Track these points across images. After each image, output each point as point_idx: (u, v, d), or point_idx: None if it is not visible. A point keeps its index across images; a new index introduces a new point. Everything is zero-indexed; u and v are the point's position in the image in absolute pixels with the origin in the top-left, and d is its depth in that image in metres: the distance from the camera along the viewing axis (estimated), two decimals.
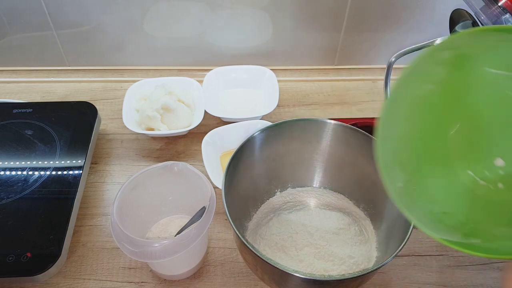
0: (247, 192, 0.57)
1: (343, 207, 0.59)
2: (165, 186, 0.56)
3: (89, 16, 0.76)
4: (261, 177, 0.58)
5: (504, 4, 0.43)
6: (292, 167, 0.60)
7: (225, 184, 0.49)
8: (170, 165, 0.54)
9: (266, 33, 0.80)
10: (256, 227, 0.57)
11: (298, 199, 0.60)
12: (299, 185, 0.61)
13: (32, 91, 0.82)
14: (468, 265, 0.59)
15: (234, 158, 0.52)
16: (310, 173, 0.61)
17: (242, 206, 0.56)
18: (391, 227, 0.52)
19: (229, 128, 0.69)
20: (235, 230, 0.46)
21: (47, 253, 0.54)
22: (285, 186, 0.61)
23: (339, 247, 0.53)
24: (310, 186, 0.62)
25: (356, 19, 0.78)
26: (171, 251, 0.47)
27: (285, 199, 0.61)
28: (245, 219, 0.57)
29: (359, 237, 0.54)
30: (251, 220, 0.58)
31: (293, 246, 0.53)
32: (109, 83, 0.83)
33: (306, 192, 0.61)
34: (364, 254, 0.53)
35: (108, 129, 0.75)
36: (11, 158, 0.65)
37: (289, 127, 0.56)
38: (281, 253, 0.52)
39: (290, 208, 0.58)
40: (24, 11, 0.75)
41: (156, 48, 0.82)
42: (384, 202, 0.54)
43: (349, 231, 0.55)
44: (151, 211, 0.58)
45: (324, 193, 0.61)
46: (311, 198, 0.61)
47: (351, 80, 0.86)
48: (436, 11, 0.77)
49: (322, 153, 0.59)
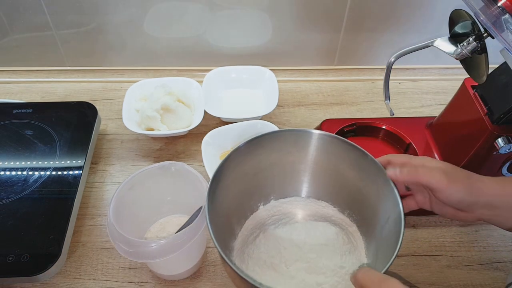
0: (230, 211, 0.54)
1: (328, 215, 0.58)
2: (163, 186, 0.56)
3: (89, 16, 0.77)
4: (243, 193, 0.56)
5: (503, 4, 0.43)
6: (273, 179, 0.58)
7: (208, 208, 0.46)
8: (168, 165, 0.54)
9: (266, 33, 0.80)
10: (242, 246, 0.54)
11: (283, 211, 0.58)
12: (282, 196, 0.60)
13: (32, 91, 0.82)
14: (468, 265, 0.59)
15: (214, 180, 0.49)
16: (292, 183, 0.59)
17: (226, 226, 0.54)
18: (378, 232, 0.52)
19: (229, 128, 0.69)
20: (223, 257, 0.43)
21: (47, 253, 0.54)
22: (268, 199, 0.59)
23: (329, 258, 0.52)
24: (293, 197, 0.60)
25: (355, 20, 0.78)
26: (166, 251, 0.47)
27: (269, 212, 0.59)
28: (230, 239, 0.55)
29: (347, 246, 0.53)
30: (236, 239, 0.56)
31: (282, 263, 0.51)
32: (109, 83, 0.83)
33: (289, 203, 0.59)
34: (355, 262, 0.52)
35: (108, 129, 0.75)
36: (11, 158, 0.65)
37: (268, 140, 0.54)
38: (271, 271, 0.51)
39: (276, 222, 0.56)
40: (24, 11, 0.75)
41: (156, 48, 0.82)
42: (368, 207, 0.53)
43: (337, 241, 0.54)
44: (150, 211, 0.58)
45: (308, 203, 0.59)
46: (295, 209, 0.59)
47: (350, 81, 0.86)
48: (435, 11, 0.77)
49: (303, 163, 0.57)
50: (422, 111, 0.80)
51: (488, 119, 0.56)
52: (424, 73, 0.87)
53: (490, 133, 0.56)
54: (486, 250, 0.60)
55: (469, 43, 0.49)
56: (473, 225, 0.63)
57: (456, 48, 0.50)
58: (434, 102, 0.82)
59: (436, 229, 0.62)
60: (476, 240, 0.61)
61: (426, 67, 0.87)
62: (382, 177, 0.49)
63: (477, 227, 0.63)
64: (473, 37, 0.48)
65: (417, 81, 0.86)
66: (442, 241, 0.61)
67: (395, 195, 0.47)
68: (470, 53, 0.49)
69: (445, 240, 0.61)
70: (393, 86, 0.83)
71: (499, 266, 0.58)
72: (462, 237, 0.62)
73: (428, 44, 0.53)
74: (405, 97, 0.83)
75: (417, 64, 0.87)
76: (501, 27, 0.43)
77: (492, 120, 0.56)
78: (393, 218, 0.47)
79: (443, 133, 0.66)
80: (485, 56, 0.48)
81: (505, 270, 0.58)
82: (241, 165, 0.53)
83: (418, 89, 0.84)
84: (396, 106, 0.80)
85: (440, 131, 0.67)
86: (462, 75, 0.55)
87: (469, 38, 0.49)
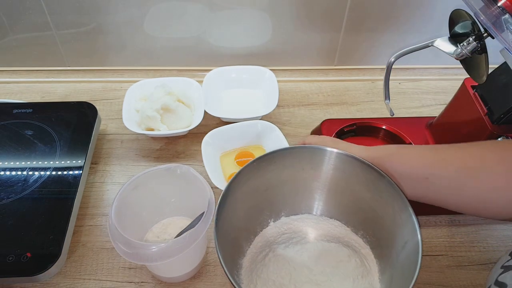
0: (240, 226, 0.53)
1: (340, 235, 0.56)
2: (167, 187, 0.56)
3: (89, 16, 0.77)
4: (252, 208, 0.55)
5: (503, 4, 0.43)
6: (285, 195, 0.57)
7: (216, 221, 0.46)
8: (174, 168, 0.54)
9: (266, 33, 0.80)
10: (251, 265, 0.53)
11: (294, 229, 0.57)
12: (293, 213, 0.58)
13: (32, 91, 0.82)
14: (468, 265, 0.59)
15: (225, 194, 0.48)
16: (304, 200, 0.58)
17: (234, 241, 0.53)
18: (394, 257, 0.50)
19: (229, 128, 0.69)
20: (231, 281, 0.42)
21: (47, 253, 0.54)
22: (279, 215, 0.58)
23: (341, 281, 0.50)
24: (305, 214, 0.58)
25: (355, 20, 0.78)
26: (165, 255, 0.47)
27: (280, 229, 0.57)
28: (238, 256, 0.53)
29: (360, 269, 0.51)
30: (245, 256, 0.54)
31: (292, 284, 0.50)
32: (109, 83, 0.83)
33: (301, 221, 0.58)
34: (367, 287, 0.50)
35: (108, 129, 0.75)
36: (11, 158, 0.65)
37: (281, 156, 0.53)
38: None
39: (286, 241, 0.55)
40: (24, 11, 0.75)
41: (156, 48, 0.82)
42: (383, 229, 0.52)
43: (350, 263, 0.52)
44: (152, 212, 0.58)
45: (319, 221, 0.58)
46: (307, 227, 0.57)
47: (350, 81, 0.86)
48: (435, 12, 0.77)
49: (316, 180, 0.56)
50: (422, 111, 0.80)
51: (488, 119, 0.56)
52: (424, 73, 0.87)
53: (490, 133, 0.56)
54: (486, 250, 0.60)
55: (469, 43, 0.49)
56: (473, 225, 0.63)
57: (456, 48, 0.50)
58: (434, 102, 0.82)
59: (436, 229, 0.62)
60: (476, 240, 0.61)
61: (426, 67, 0.87)
62: (400, 200, 0.47)
63: (477, 227, 0.63)
64: (473, 37, 0.48)
65: (417, 81, 0.86)
66: (442, 241, 0.61)
67: (413, 222, 0.46)
68: (470, 53, 0.49)
69: (445, 240, 0.61)
70: (393, 86, 0.83)
71: None
72: (462, 237, 0.62)
73: (428, 44, 0.53)
74: (405, 97, 0.83)
75: (417, 64, 0.87)
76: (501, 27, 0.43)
77: (492, 120, 0.56)
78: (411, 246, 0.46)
79: (443, 133, 0.66)
80: (485, 56, 0.48)
81: None
82: (251, 180, 0.52)
83: (418, 89, 0.84)
84: (396, 106, 0.80)
85: (440, 131, 0.67)
86: (462, 75, 0.55)
87: (469, 38, 0.49)
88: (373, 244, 0.54)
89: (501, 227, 0.63)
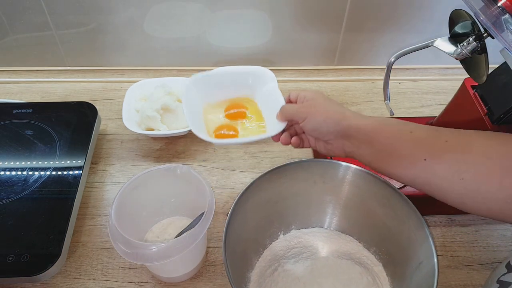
0: (249, 237, 0.53)
1: (352, 251, 0.55)
2: (167, 187, 0.56)
3: (89, 16, 0.76)
4: (263, 220, 0.54)
5: (503, 4, 0.43)
6: (296, 208, 0.56)
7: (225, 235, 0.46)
8: (174, 168, 0.54)
9: (266, 33, 0.80)
10: (259, 279, 0.52)
11: (304, 243, 0.56)
12: (304, 226, 0.57)
13: (32, 91, 0.82)
14: (468, 265, 0.59)
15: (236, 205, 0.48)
16: (315, 214, 0.57)
17: (243, 253, 0.52)
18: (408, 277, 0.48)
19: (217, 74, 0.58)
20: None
21: (47, 253, 0.54)
22: (289, 228, 0.57)
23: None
24: (316, 227, 0.57)
25: (355, 20, 0.78)
26: (165, 255, 0.47)
27: (290, 243, 0.56)
28: (247, 269, 0.53)
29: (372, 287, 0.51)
30: (254, 269, 0.53)
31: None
32: (109, 83, 0.83)
33: (312, 235, 0.56)
34: None
35: (108, 129, 0.75)
36: (11, 158, 0.65)
37: (293, 170, 0.53)
38: None
39: (296, 256, 0.54)
40: (24, 11, 0.75)
41: (156, 48, 0.82)
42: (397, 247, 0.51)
43: (361, 281, 0.50)
44: (153, 211, 0.58)
45: (331, 235, 0.56)
46: (317, 241, 0.56)
47: (350, 81, 0.86)
48: (435, 12, 0.77)
49: (329, 194, 0.55)
50: (422, 111, 0.80)
51: (488, 119, 0.56)
52: (424, 73, 0.87)
53: None
54: (486, 250, 0.60)
55: (469, 43, 0.49)
56: (473, 225, 0.63)
57: (456, 48, 0.50)
58: (434, 102, 0.82)
59: (436, 229, 0.62)
60: (476, 240, 0.61)
61: (426, 67, 0.87)
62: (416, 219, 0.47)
63: (477, 227, 0.63)
64: (473, 37, 0.48)
65: (417, 81, 0.86)
66: (442, 241, 0.61)
67: (430, 243, 0.45)
68: (470, 53, 0.49)
69: (445, 240, 0.61)
70: (393, 86, 0.83)
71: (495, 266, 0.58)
72: (462, 237, 0.62)
73: (428, 44, 0.53)
74: (405, 97, 0.83)
75: (417, 64, 0.87)
76: (501, 27, 0.43)
77: (492, 120, 0.56)
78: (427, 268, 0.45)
79: None
80: (485, 56, 0.48)
81: None
82: (262, 192, 0.52)
83: (418, 89, 0.84)
84: (396, 106, 0.80)
85: None
86: (462, 75, 0.55)
87: (469, 38, 0.49)
88: (386, 262, 0.54)
89: (501, 227, 0.63)
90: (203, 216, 0.49)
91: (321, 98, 0.50)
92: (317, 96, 0.50)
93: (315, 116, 0.48)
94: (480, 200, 0.40)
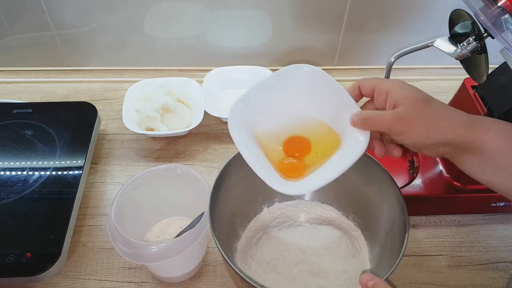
0: (234, 211, 0.55)
1: (332, 219, 0.58)
2: (167, 187, 0.56)
3: (89, 16, 0.76)
4: (247, 194, 0.56)
5: (503, 4, 0.43)
6: None
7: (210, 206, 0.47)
8: (174, 167, 0.54)
9: (266, 33, 0.80)
10: (245, 247, 0.55)
11: (287, 214, 0.58)
12: (286, 199, 0.59)
13: (32, 91, 0.82)
14: (468, 265, 0.59)
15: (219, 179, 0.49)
16: None
17: (229, 225, 0.54)
18: (383, 238, 0.51)
19: None
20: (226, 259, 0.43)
21: (47, 253, 0.54)
22: (272, 201, 0.59)
23: (332, 262, 0.51)
24: (298, 199, 0.60)
25: (355, 20, 0.78)
26: (165, 255, 0.47)
27: (273, 214, 0.58)
28: (233, 239, 0.55)
29: (351, 250, 0.53)
30: (240, 239, 0.56)
31: (285, 265, 0.51)
32: (109, 83, 0.83)
33: (294, 206, 0.59)
34: (358, 267, 0.52)
35: (108, 129, 0.75)
36: (11, 158, 0.65)
37: None
38: (274, 273, 0.51)
39: (279, 224, 0.56)
40: (24, 11, 0.75)
41: (156, 48, 0.82)
42: (373, 212, 0.53)
43: (341, 245, 0.53)
44: (153, 211, 0.58)
45: (312, 206, 0.59)
46: (299, 212, 0.59)
47: (350, 80, 0.86)
48: (435, 12, 0.77)
49: None
50: None
51: None
52: (424, 73, 0.87)
53: None
54: (486, 250, 0.60)
55: (469, 43, 0.49)
56: (473, 225, 0.63)
57: (456, 48, 0.50)
58: None
59: (436, 229, 0.62)
60: (476, 240, 0.61)
61: (426, 67, 0.87)
62: (387, 181, 0.49)
63: (477, 227, 0.63)
64: (473, 37, 0.48)
65: (417, 81, 0.86)
66: (442, 241, 0.61)
67: (401, 203, 0.47)
68: (470, 53, 0.49)
69: (445, 240, 0.61)
70: None
71: (499, 266, 0.58)
72: (462, 237, 0.62)
73: (428, 44, 0.53)
74: None
75: (417, 64, 0.87)
76: (501, 27, 0.43)
77: None
78: (398, 224, 0.47)
79: None
80: (485, 56, 0.48)
81: (505, 270, 0.58)
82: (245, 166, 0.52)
83: None
84: None
85: None
86: (462, 75, 0.55)
87: (469, 38, 0.49)
88: (364, 227, 0.56)
89: (501, 227, 0.63)
90: (203, 216, 0.49)
91: (418, 101, 0.40)
92: (409, 100, 0.40)
93: (413, 132, 0.39)
94: None
